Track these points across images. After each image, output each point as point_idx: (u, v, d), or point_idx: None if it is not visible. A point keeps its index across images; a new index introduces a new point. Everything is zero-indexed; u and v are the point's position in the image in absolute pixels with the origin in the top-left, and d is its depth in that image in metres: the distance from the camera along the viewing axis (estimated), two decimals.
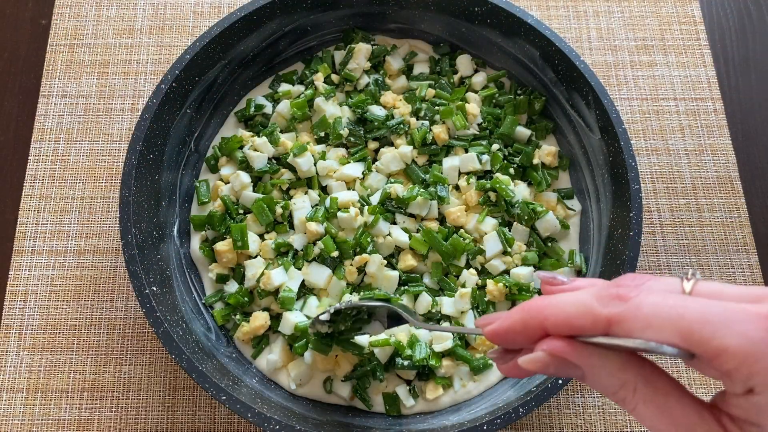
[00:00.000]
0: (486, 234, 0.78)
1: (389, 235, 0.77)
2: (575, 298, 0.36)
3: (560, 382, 0.64)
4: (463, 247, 0.76)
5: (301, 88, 0.87)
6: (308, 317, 0.73)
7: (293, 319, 0.71)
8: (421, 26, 0.88)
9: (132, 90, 0.92)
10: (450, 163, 0.81)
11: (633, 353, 0.36)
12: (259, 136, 0.83)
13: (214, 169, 0.84)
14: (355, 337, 0.71)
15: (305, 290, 0.76)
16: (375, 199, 0.79)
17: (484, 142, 0.83)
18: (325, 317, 0.64)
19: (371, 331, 0.65)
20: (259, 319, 0.73)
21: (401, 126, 0.83)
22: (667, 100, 0.94)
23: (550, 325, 0.36)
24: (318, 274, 0.75)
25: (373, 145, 0.84)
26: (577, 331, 0.36)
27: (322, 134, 0.83)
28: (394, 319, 0.63)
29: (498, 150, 0.82)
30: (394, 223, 0.79)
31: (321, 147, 0.83)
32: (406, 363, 0.71)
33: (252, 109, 0.86)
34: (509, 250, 0.77)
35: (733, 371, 0.31)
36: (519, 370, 0.39)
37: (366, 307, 0.63)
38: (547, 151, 0.83)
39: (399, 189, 0.78)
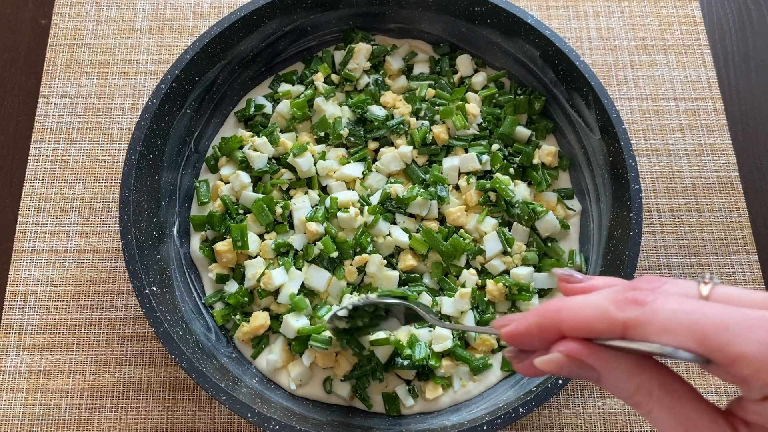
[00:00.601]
0: (486, 234, 0.78)
1: (389, 235, 0.77)
2: (592, 301, 0.36)
3: (560, 382, 0.64)
4: (463, 247, 0.76)
5: (301, 88, 0.87)
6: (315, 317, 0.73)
7: (294, 323, 0.72)
8: (421, 26, 0.88)
9: (132, 90, 0.92)
10: (450, 163, 0.81)
11: (648, 357, 0.36)
12: (259, 136, 0.83)
13: (214, 169, 0.84)
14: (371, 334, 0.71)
15: (304, 289, 0.76)
16: (375, 199, 0.79)
17: (484, 142, 0.83)
18: (342, 313, 0.64)
19: (388, 327, 0.65)
20: (259, 319, 0.73)
21: (401, 126, 0.83)
22: (667, 100, 0.94)
23: (566, 329, 0.37)
24: (318, 279, 0.75)
25: (373, 145, 0.84)
26: (594, 335, 0.36)
27: (322, 134, 0.83)
28: (412, 316, 0.64)
29: (498, 150, 0.82)
30: (394, 223, 0.79)
31: (321, 147, 0.83)
32: (405, 363, 0.71)
33: (252, 109, 0.86)
34: (509, 250, 0.77)
35: (750, 378, 0.31)
36: (535, 369, 0.40)
37: (383, 304, 0.63)
38: (547, 151, 0.83)
39: (399, 189, 0.78)
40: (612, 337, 0.35)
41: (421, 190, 0.78)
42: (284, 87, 0.87)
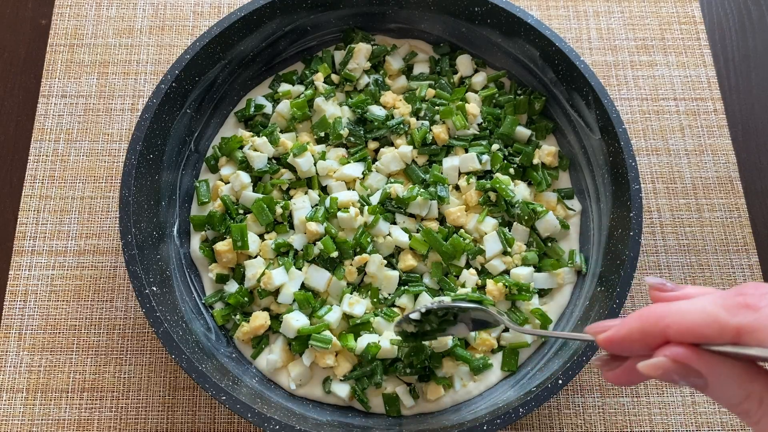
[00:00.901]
0: (486, 234, 0.78)
1: (389, 235, 0.77)
2: (699, 306, 0.35)
3: (560, 382, 0.64)
4: (463, 247, 0.76)
5: (301, 88, 0.87)
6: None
7: (294, 323, 0.71)
8: (421, 26, 0.88)
9: (132, 90, 0.92)
10: (450, 163, 0.81)
11: (755, 364, 0.35)
12: (259, 136, 0.83)
13: (214, 169, 0.84)
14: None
15: (304, 290, 0.76)
16: (375, 199, 0.79)
17: (484, 142, 0.83)
18: (415, 316, 0.63)
19: (456, 332, 0.65)
20: (259, 319, 0.73)
21: (401, 126, 0.83)
22: (667, 100, 0.94)
23: (672, 333, 0.36)
24: (318, 278, 0.75)
25: (373, 145, 0.84)
26: (702, 340, 0.35)
27: (322, 134, 0.83)
28: (479, 322, 0.63)
29: (498, 150, 0.82)
30: (394, 223, 0.79)
31: (321, 147, 0.83)
32: (408, 371, 0.71)
33: (252, 109, 0.86)
34: (509, 250, 0.77)
35: None
36: (629, 376, 0.39)
37: (456, 308, 0.63)
38: (547, 151, 0.83)
39: (399, 189, 0.78)
40: (721, 342, 0.34)
41: (421, 190, 0.78)
42: (284, 87, 0.87)
